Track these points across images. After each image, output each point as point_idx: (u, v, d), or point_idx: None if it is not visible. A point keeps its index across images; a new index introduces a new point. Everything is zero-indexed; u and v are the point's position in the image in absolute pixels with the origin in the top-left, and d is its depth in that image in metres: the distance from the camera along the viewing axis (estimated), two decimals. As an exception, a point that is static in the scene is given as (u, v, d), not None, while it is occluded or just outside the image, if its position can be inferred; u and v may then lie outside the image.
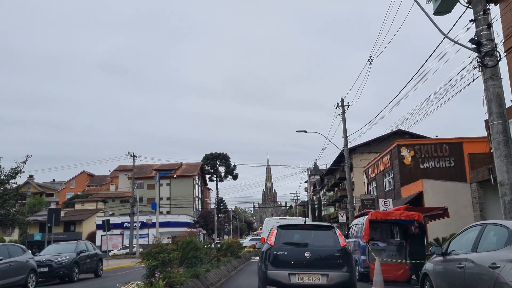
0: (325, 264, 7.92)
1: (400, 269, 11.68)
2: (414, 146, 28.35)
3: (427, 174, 26.92)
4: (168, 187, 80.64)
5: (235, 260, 18.90)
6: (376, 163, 33.94)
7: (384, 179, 31.91)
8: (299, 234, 8.56)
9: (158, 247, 8.01)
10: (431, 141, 28.79)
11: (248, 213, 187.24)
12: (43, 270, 15.21)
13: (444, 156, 28.13)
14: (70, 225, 62.24)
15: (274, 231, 8.60)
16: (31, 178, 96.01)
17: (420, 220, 11.48)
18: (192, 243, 9.91)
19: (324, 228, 8.84)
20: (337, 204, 70.53)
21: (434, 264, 7.37)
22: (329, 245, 8.20)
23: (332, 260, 7.98)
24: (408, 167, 28.12)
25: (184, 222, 60.63)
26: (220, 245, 17.46)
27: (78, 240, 20.10)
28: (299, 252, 8.02)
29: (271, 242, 8.30)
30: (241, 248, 22.84)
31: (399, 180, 28.12)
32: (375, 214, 11.55)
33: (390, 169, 30.12)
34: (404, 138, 34.23)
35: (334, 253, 8.05)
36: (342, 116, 28.26)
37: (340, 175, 62.31)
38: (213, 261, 14.14)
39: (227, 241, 20.05)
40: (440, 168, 27.93)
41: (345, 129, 28.03)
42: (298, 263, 7.91)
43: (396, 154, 28.53)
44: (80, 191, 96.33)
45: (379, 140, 44.42)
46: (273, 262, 8.03)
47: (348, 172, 27.27)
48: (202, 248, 11.06)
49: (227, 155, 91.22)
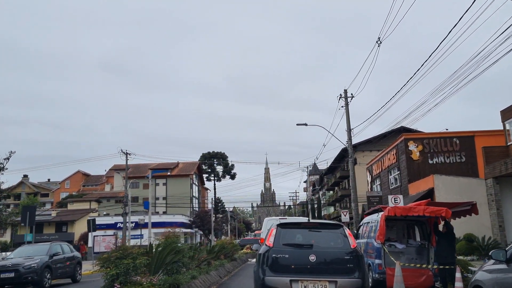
0: (333, 269, 6.92)
1: (422, 275, 9.76)
2: (422, 140, 26.50)
3: (437, 170, 25.09)
4: (164, 187, 79.11)
5: (229, 263, 16.96)
6: (381, 159, 32.08)
7: (389, 176, 30.05)
8: (302, 234, 7.51)
9: (120, 251, 6.10)
10: (441, 135, 26.92)
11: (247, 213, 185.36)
12: (8, 276, 13.29)
13: (454, 151, 26.30)
14: (62, 225, 60.22)
15: (273, 230, 7.49)
16: (26, 178, 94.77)
17: (449, 216, 9.59)
18: (171, 245, 7.97)
19: (331, 227, 7.74)
20: (338, 203, 68.92)
21: (493, 273, 5.49)
22: (338, 246, 7.20)
23: (341, 264, 6.97)
24: (416, 162, 26.28)
25: (180, 222, 58.60)
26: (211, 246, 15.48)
27: (53, 242, 18.18)
28: (302, 255, 7.00)
29: (270, 243, 7.23)
30: (237, 250, 20.82)
31: (407, 177, 26.26)
32: (393, 210, 9.65)
33: (396, 165, 28.25)
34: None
35: (344, 256, 7.03)
36: (345, 108, 26.37)
37: (341, 173, 60.57)
38: (203, 265, 12.24)
39: (219, 242, 18.07)
40: (451, 163, 26.10)
41: (348, 121, 26.14)
42: (301, 268, 6.91)
43: (403, 148, 26.67)
44: (75, 191, 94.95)
45: (381, 138, 42.99)
46: (272, 266, 6.98)
47: (352, 168, 25.39)
48: (186, 251, 9.10)
49: (225, 154, 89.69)
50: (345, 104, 26.40)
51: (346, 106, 26.39)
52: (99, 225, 57.75)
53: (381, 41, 17.93)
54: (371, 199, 21.20)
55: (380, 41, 17.88)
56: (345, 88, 26.49)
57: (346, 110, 26.33)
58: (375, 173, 33.84)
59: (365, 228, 11.62)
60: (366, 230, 11.38)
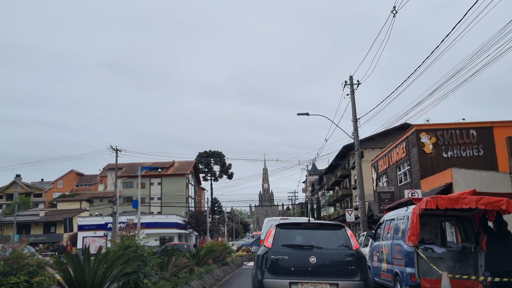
0: (334, 271, 6.73)
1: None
2: (435, 131, 23.98)
3: (452, 164, 22.59)
4: (159, 186, 76.81)
5: (219, 269, 14.40)
6: (388, 154, 29.58)
7: (397, 172, 27.54)
8: (303, 234, 7.29)
9: (9, 260, 3.58)
10: (456, 126, 24.40)
11: (245, 214, 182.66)
12: None
13: (471, 143, 23.79)
14: (51, 226, 57.59)
15: (272, 231, 7.23)
16: (19, 178, 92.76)
17: (511, 210, 7.10)
18: (119, 251, 5.45)
19: (333, 227, 7.54)
20: (338, 203, 66.56)
21: None
22: (339, 247, 6.99)
23: (342, 266, 6.77)
24: (429, 156, 23.76)
25: (174, 223, 56.09)
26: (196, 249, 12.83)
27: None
28: (302, 257, 6.83)
29: (269, 244, 7.01)
30: (229, 253, 18.12)
31: (418, 172, 23.74)
32: (433, 201, 7.16)
33: (406, 159, 25.74)
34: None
35: (345, 257, 6.84)
36: (351, 96, 23.93)
37: (342, 172, 58.11)
38: (182, 273, 9.72)
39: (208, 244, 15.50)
40: (467, 157, 23.59)
41: (354, 111, 23.68)
42: (301, 270, 6.74)
43: (415, 141, 24.16)
44: (68, 190, 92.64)
45: (384, 135, 40.95)
46: (271, 268, 6.80)
47: (359, 162, 22.90)
48: (148, 257, 6.53)
49: (222, 153, 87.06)
50: (351, 91, 23.96)
51: (352, 94, 23.95)
52: (89, 225, 55.30)
53: (396, 11, 15.46)
54: (382, 196, 18.71)
55: (396, 10, 15.41)
56: (350, 74, 24.09)
57: (352, 98, 23.90)
58: (381, 170, 31.32)
59: (388, 226, 9.11)
60: (390, 229, 8.86)
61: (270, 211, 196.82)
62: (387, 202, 18.69)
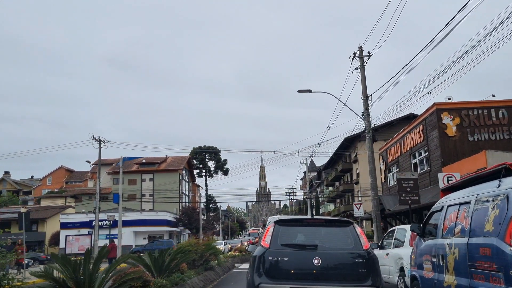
0: (341, 275, 5.95)
1: None
2: (460, 111, 20.54)
3: (479, 148, 19.21)
4: (151, 182, 73.40)
5: (198, 276, 10.87)
6: (399, 141, 26.11)
7: (411, 160, 24.09)
8: (305, 232, 6.56)
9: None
10: (483, 104, 20.94)
11: (241, 212, 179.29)
12: None
13: (501, 125, 20.39)
14: (32, 224, 53.75)
15: (269, 228, 6.44)
16: (7, 175, 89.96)
17: None
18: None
19: (340, 224, 6.68)
20: (339, 199, 63.32)
21: None
22: (347, 247, 6.22)
23: (351, 269, 5.99)
24: (452, 139, 20.33)
25: (164, 220, 52.54)
26: (160, 251, 9.12)
27: None
28: (304, 258, 6.04)
29: (266, 244, 6.25)
30: (215, 254, 14.46)
31: (440, 158, 20.29)
32: None
33: (424, 144, 22.27)
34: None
35: (355, 259, 6.06)
36: (360, 70, 20.43)
37: (343, 166, 54.75)
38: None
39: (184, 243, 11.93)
40: (497, 140, 20.20)
41: (364, 86, 20.18)
42: (303, 273, 5.97)
43: (435, 122, 20.70)
44: (58, 187, 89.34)
45: (388, 126, 37.93)
46: (268, 271, 6.04)
47: (371, 146, 19.41)
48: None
49: (217, 149, 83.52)
50: (360, 65, 20.44)
51: (362, 68, 20.43)
52: (72, 223, 51.65)
53: None
54: (403, 183, 15.20)
55: None
56: (359, 45, 20.59)
57: (362, 72, 20.39)
58: (391, 159, 27.87)
59: (456, 215, 5.58)
60: (462, 219, 5.33)
61: (268, 209, 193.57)
62: (409, 191, 15.20)
